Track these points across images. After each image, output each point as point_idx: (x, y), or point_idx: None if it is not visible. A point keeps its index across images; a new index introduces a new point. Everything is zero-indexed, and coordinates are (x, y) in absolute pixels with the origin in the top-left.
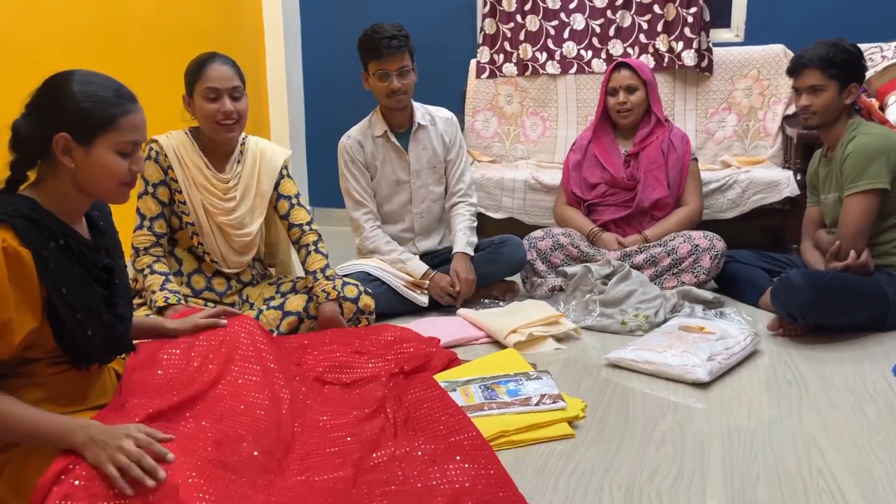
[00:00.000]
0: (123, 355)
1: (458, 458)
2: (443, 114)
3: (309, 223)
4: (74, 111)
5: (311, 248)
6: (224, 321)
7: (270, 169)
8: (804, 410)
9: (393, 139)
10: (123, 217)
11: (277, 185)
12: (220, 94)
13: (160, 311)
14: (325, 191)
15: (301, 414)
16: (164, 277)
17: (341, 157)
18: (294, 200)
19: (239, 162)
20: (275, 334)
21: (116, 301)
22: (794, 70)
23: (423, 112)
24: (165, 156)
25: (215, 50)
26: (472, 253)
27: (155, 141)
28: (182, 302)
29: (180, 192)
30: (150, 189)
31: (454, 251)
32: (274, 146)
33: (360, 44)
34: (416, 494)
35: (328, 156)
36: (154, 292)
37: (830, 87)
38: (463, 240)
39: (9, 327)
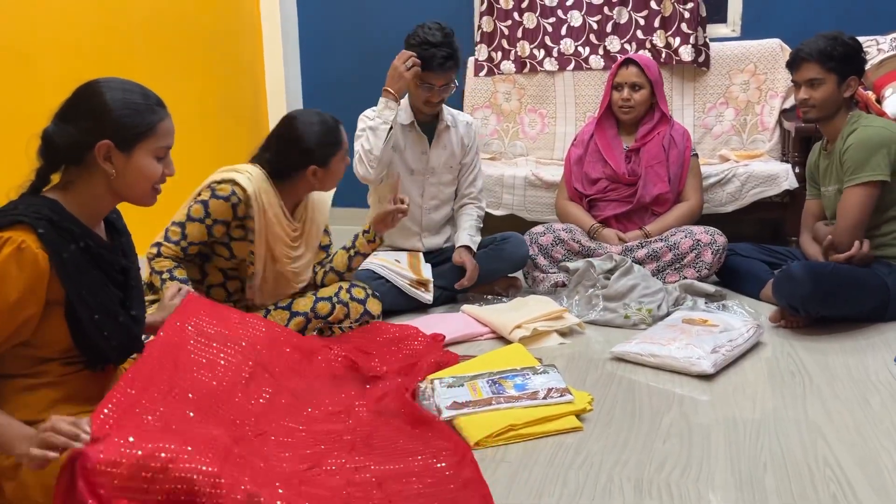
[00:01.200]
0: (135, 355)
1: (414, 481)
2: (464, 118)
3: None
4: (116, 119)
5: (330, 249)
6: (187, 287)
7: (324, 213)
8: (808, 401)
9: (418, 129)
10: (136, 216)
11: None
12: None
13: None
14: None
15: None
16: (175, 264)
17: (359, 123)
18: (329, 233)
19: (305, 205)
20: None
21: (131, 302)
22: (792, 63)
23: (446, 113)
24: (248, 205)
25: (213, 49)
26: (474, 248)
27: (238, 185)
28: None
29: (252, 243)
30: (209, 222)
31: (457, 245)
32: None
33: (410, 47)
34: None
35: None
36: (165, 280)
37: (829, 81)
38: (466, 235)
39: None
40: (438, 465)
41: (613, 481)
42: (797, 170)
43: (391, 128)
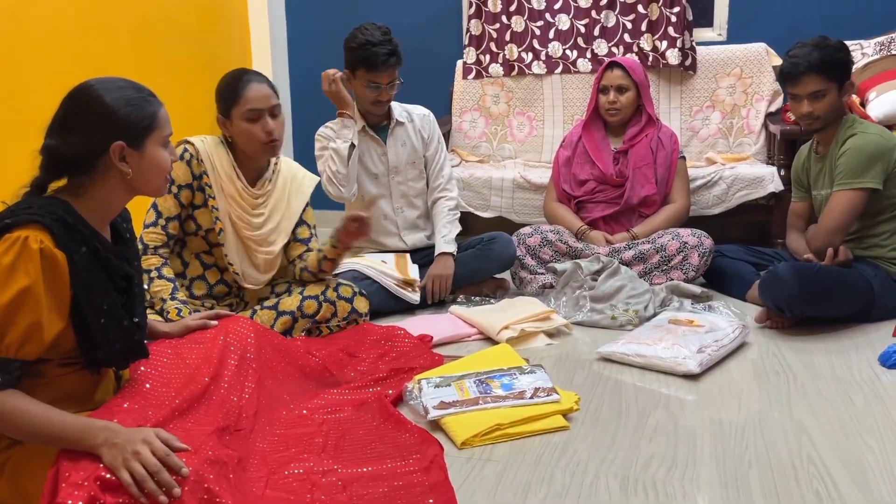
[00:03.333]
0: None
1: (380, 483)
2: (419, 111)
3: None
4: (122, 119)
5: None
6: (214, 322)
7: (301, 193)
8: (793, 400)
9: (370, 132)
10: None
11: (304, 209)
12: (261, 114)
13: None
14: (313, 192)
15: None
16: (172, 285)
17: (317, 144)
18: (313, 230)
19: (270, 180)
20: None
21: (134, 308)
22: (792, 77)
23: (399, 110)
24: (200, 161)
25: (201, 50)
26: (452, 250)
27: (189, 143)
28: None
29: (213, 198)
30: (175, 189)
31: (436, 253)
32: (304, 170)
33: (350, 50)
34: None
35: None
36: (164, 300)
37: (831, 91)
38: (443, 241)
39: (40, 328)
40: (407, 469)
41: (599, 479)
42: (782, 172)
43: (353, 145)
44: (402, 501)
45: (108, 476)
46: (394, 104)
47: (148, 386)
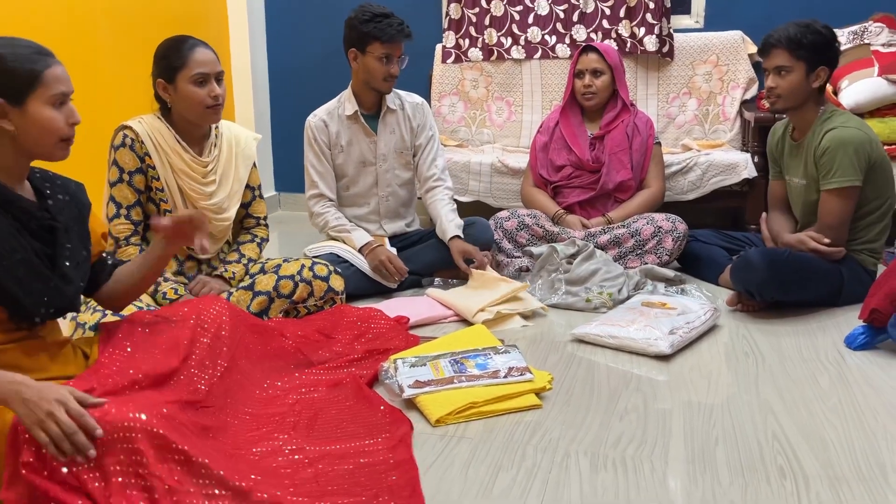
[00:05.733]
0: (72, 316)
1: (347, 461)
2: (413, 99)
3: (265, 218)
4: (1, 74)
5: (257, 239)
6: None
7: (246, 156)
8: (761, 380)
9: (362, 120)
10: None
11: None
12: (208, 78)
13: (171, 301)
14: (291, 176)
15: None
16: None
17: (305, 134)
18: (257, 192)
19: (215, 146)
20: None
21: (60, 261)
22: (762, 49)
23: (393, 96)
24: (141, 142)
25: (179, 31)
26: (461, 234)
27: (128, 127)
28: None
29: (157, 180)
30: (126, 177)
31: (449, 237)
32: (246, 131)
33: (361, 24)
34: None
35: (294, 141)
36: (157, 283)
37: (797, 69)
38: (453, 225)
39: None
40: (375, 447)
41: (570, 457)
42: (756, 159)
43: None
44: (366, 478)
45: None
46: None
47: (115, 368)
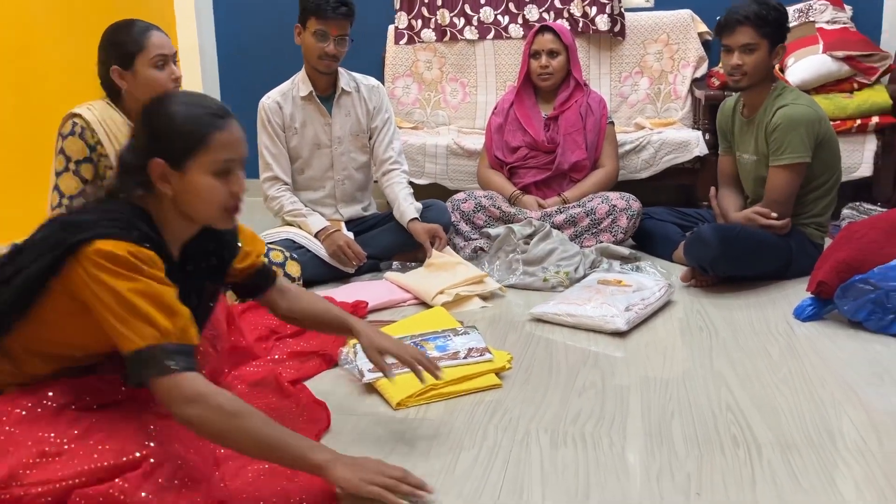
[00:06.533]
0: None
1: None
2: (368, 82)
3: None
4: (165, 136)
5: None
6: None
7: None
8: (714, 353)
9: (317, 101)
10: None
11: None
12: (167, 60)
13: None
14: None
15: None
16: None
17: (259, 116)
18: None
19: None
20: None
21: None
22: (726, 27)
23: (348, 79)
24: (93, 131)
25: (120, 16)
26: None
27: (78, 115)
28: None
29: (111, 168)
30: (72, 167)
31: (408, 219)
32: None
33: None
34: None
35: (246, 124)
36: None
37: (762, 47)
38: (412, 208)
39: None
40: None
41: (530, 434)
42: (707, 137)
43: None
44: (275, 477)
45: None
46: (342, 72)
47: None
